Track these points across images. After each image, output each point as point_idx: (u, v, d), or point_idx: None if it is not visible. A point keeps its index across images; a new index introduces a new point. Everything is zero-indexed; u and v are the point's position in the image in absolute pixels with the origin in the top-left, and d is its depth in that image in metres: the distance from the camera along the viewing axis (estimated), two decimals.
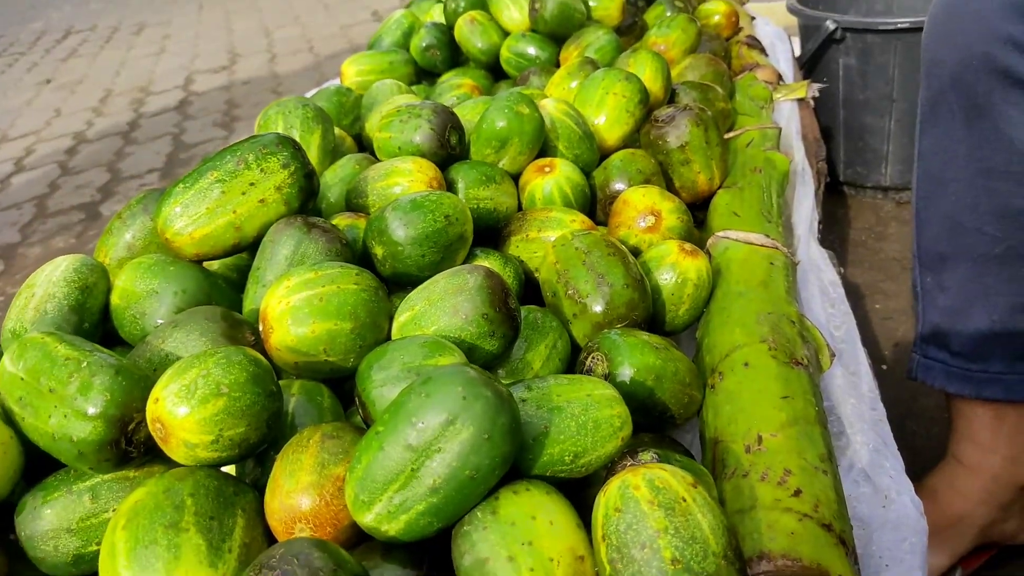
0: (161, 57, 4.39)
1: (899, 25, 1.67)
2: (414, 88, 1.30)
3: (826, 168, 1.32)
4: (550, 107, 0.92)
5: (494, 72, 1.35)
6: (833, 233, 1.81)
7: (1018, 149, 0.83)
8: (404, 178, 0.81)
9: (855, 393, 0.73)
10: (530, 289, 0.79)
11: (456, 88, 1.22)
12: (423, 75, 1.42)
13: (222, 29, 4.83)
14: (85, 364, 0.54)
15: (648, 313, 0.70)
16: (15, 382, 0.56)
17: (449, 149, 0.87)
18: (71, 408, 0.52)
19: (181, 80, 3.86)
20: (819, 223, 1.03)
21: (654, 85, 1.04)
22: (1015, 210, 0.86)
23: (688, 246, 0.75)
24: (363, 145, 1.15)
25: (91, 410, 0.52)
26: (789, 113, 1.24)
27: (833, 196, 1.94)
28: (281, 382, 0.58)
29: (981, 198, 0.88)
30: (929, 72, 0.92)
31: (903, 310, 1.54)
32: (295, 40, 4.21)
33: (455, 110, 0.95)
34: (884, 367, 1.41)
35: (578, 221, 0.81)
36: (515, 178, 0.89)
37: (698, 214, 0.94)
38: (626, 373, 0.61)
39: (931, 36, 0.92)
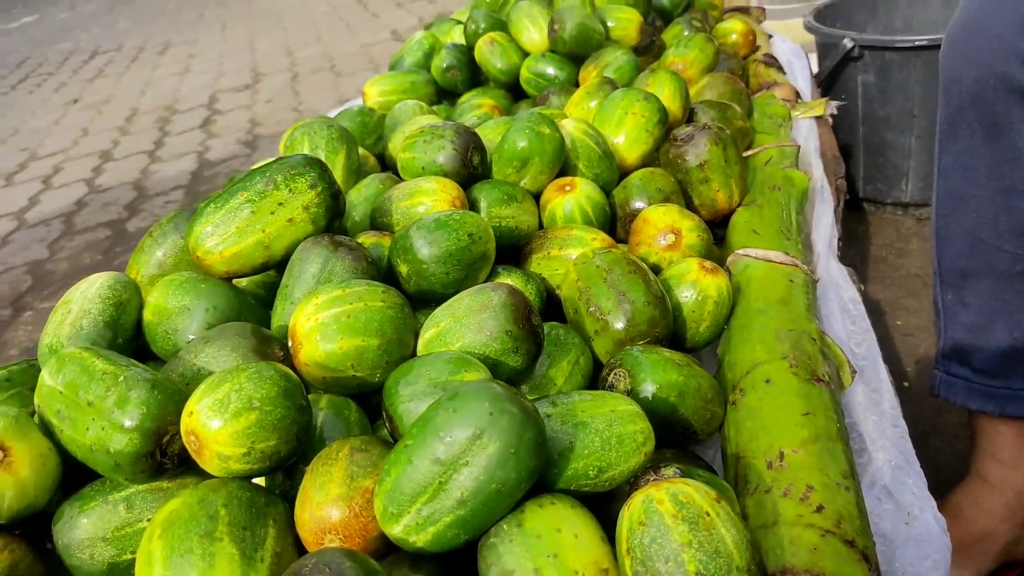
0: (186, 76, 4.47)
1: (917, 43, 1.66)
2: (435, 108, 1.32)
3: (845, 185, 1.32)
4: (570, 127, 0.94)
5: (514, 92, 1.36)
6: (854, 250, 1.81)
7: None
8: (428, 197, 0.82)
9: (877, 410, 0.73)
10: (552, 306, 0.80)
11: (476, 108, 1.24)
12: (443, 95, 1.44)
13: (246, 48, 4.91)
14: (122, 378, 0.56)
15: (669, 330, 0.71)
16: (54, 395, 0.58)
17: (471, 169, 0.89)
18: (108, 421, 0.54)
19: (205, 99, 3.93)
20: (839, 240, 1.03)
21: (673, 104, 1.05)
22: None
23: (708, 264, 0.76)
24: (386, 164, 1.17)
25: (128, 423, 0.54)
26: (807, 131, 1.24)
27: (853, 213, 1.94)
28: (309, 396, 0.60)
29: (1001, 216, 0.88)
30: (948, 90, 0.93)
31: (925, 326, 1.53)
32: (317, 59, 4.28)
33: (476, 130, 0.96)
34: (906, 384, 1.41)
35: (599, 239, 0.82)
36: (536, 197, 0.90)
37: (717, 232, 0.95)
38: (648, 389, 0.62)
39: (949, 54, 0.93)
